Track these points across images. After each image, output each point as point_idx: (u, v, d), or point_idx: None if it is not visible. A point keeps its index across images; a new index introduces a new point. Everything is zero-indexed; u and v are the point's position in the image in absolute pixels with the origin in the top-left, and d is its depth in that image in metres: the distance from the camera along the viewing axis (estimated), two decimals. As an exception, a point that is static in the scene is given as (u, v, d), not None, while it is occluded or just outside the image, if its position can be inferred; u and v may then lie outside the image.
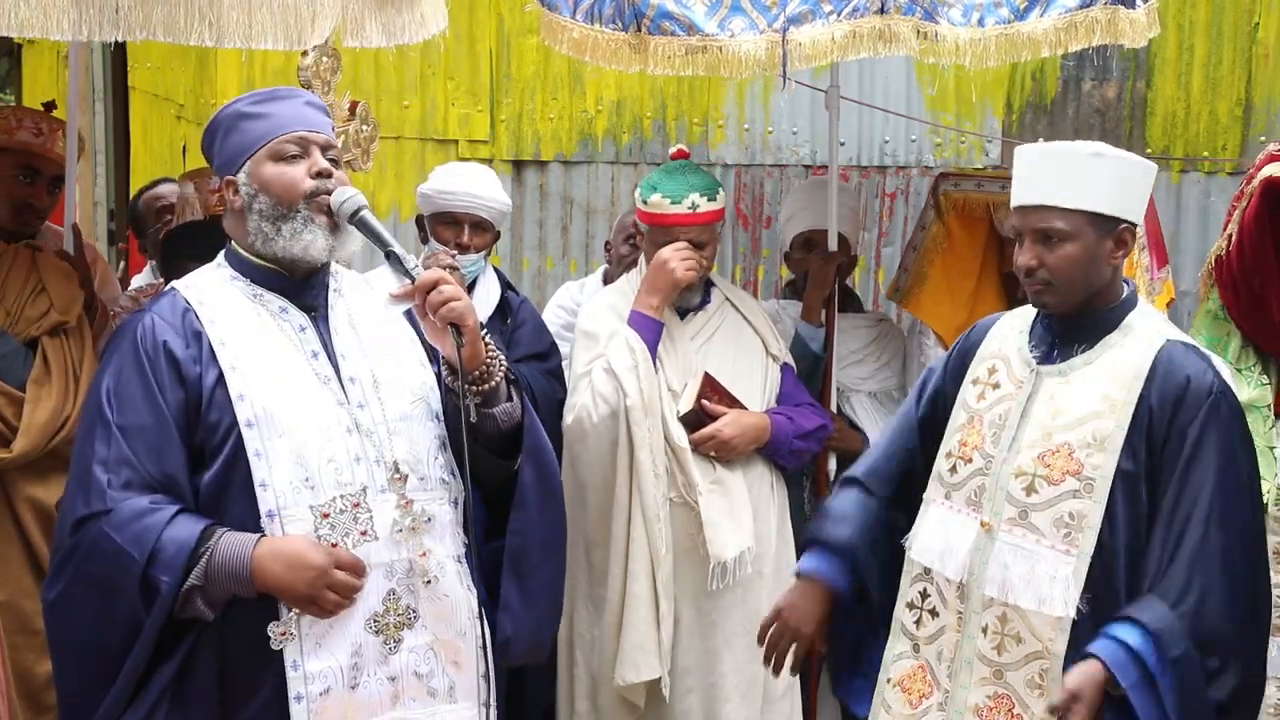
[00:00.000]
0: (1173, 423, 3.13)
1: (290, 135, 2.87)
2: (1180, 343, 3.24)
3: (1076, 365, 3.26)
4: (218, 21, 3.34)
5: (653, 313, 4.16)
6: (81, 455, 2.75)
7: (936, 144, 6.44)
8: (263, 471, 2.73)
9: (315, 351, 2.87)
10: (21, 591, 4.24)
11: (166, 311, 2.84)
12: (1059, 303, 3.25)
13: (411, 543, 2.83)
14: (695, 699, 4.19)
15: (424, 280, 2.78)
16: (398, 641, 2.81)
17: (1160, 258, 4.83)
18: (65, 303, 4.36)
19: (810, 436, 4.33)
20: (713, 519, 4.12)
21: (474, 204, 4.39)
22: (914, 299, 5.02)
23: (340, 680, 2.75)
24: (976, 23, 3.86)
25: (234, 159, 2.89)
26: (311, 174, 2.85)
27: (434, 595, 2.86)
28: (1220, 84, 6.37)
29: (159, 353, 2.77)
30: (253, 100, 2.93)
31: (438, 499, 2.91)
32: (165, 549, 2.66)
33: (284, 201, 2.84)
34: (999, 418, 3.31)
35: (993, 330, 3.47)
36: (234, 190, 2.89)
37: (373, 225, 2.85)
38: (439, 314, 2.78)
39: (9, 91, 9.09)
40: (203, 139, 3.01)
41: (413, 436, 2.90)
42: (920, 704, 3.40)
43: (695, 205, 4.20)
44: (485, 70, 6.28)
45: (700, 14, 3.84)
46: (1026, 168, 3.22)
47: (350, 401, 2.85)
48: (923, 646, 3.40)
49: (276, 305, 2.89)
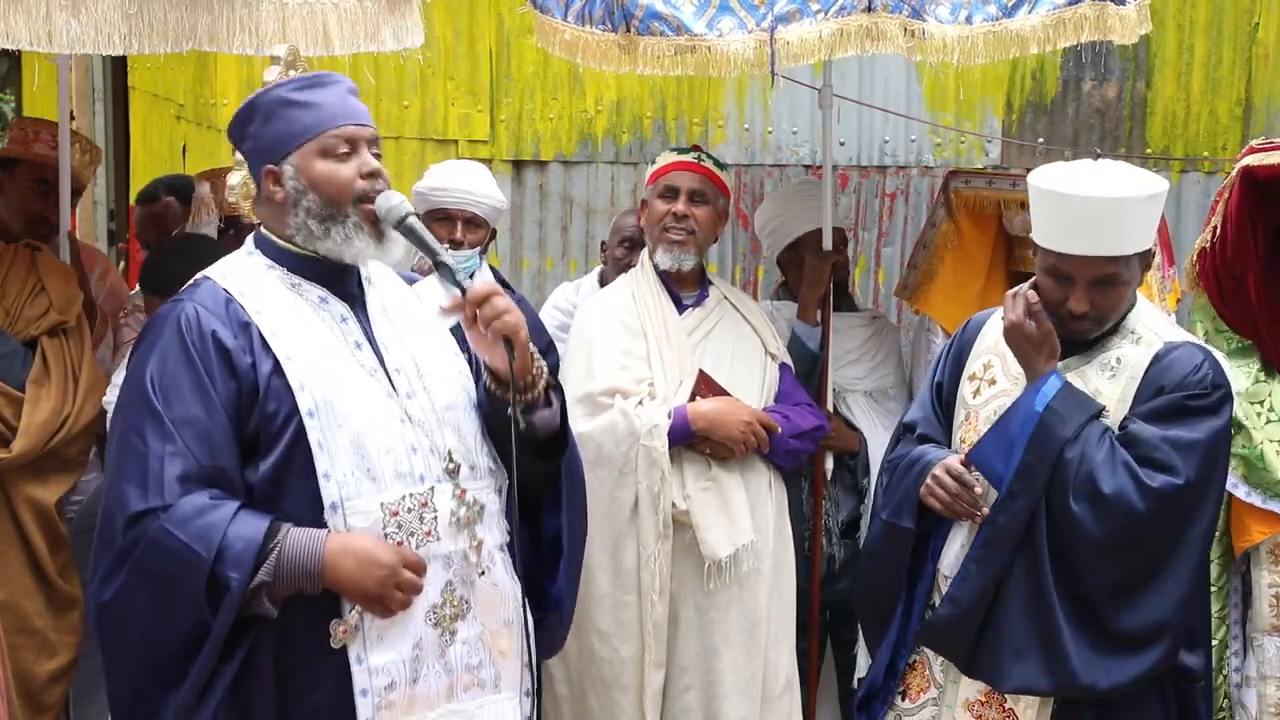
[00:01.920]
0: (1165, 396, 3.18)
1: (341, 130, 2.80)
2: (1180, 342, 3.25)
3: (1074, 365, 3.27)
4: (256, 30, 3.51)
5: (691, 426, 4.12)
6: (132, 448, 2.66)
7: (936, 144, 6.43)
8: (325, 463, 2.68)
9: (359, 342, 2.84)
10: (21, 591, 4.25)
11: (209, 301, 2.76)
12: (1096, 331, 3.28)
13: (466, 533, 2.82)
14: (693, 696, 4.18)
15: (477, 293, 2.75)
16: (453, 633, 2.80)
17: (1170, 257, 4.85)
18: (64, 302, 4.38)
19: (806, 436, 4.33)
20: (707, 519, 4.12)
21: (466, 200, 4.40)
22: (923, 296, 5.03)
23: (403, 673, 2.74)
24: (964, 20, 3.87)
25: (277, 147, 2.81)
26: (362, 174, 2.80)
27: (486, 585, 2.85)
28: (1220, 84, 6.36)
29: (207, 343, 2.70)
30: (296, 86, 2.83)
31: (487, 488, 2.90)
32: (233, 545, 2.59)
33: (334, 202, 2.78)
34: (994, 414, 3.31)
35: (988, 325, 3.47)
36: (275, 180, 2.81)
37: (420, 233, 2.81)
38: (493, 327, 2.75)
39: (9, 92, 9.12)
40: (235, 122, 2.89)
41: (460, 425, 2.88)
42: (919, 698, 3.42)
43: (700, 159, 4.33)
44: (485, 70, 6.29)
45: (689, 14, 3.84)
46: (1074, 216, 3.18)
47: (399, 392, 2.82)
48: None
49: (316, 295, 2.84)
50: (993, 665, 3.19)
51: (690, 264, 4.31)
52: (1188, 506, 3.14)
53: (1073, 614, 3.13)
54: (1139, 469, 3.10)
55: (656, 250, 4.32)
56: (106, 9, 3.38)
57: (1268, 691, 4.07)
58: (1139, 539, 3.12)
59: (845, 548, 4.68)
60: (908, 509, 3.39)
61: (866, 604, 3.66)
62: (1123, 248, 3.17)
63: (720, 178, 4.35)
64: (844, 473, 4.72)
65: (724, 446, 4.14)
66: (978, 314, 3.59)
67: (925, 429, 3.50)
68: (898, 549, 3.43)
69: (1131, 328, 3.27)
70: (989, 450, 3.20)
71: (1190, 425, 3.15)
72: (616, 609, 4.14)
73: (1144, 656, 3.13)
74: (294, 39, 3.52)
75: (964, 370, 3.47)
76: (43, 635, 4.30)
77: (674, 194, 4.28)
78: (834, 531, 4.67)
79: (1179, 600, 3.15)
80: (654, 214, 4.31)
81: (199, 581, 2.59)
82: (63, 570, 4.31)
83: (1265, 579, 4.08)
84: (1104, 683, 3.11)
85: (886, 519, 3.46)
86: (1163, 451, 3.11)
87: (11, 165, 4.74)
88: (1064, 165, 3.33)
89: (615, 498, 4.13)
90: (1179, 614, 3.15)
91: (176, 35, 3.46)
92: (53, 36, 3.32)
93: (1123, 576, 3.13)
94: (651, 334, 4.25)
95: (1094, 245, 3.16)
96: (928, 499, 3.31)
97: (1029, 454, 3.13)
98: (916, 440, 3.50)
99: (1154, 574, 3.13)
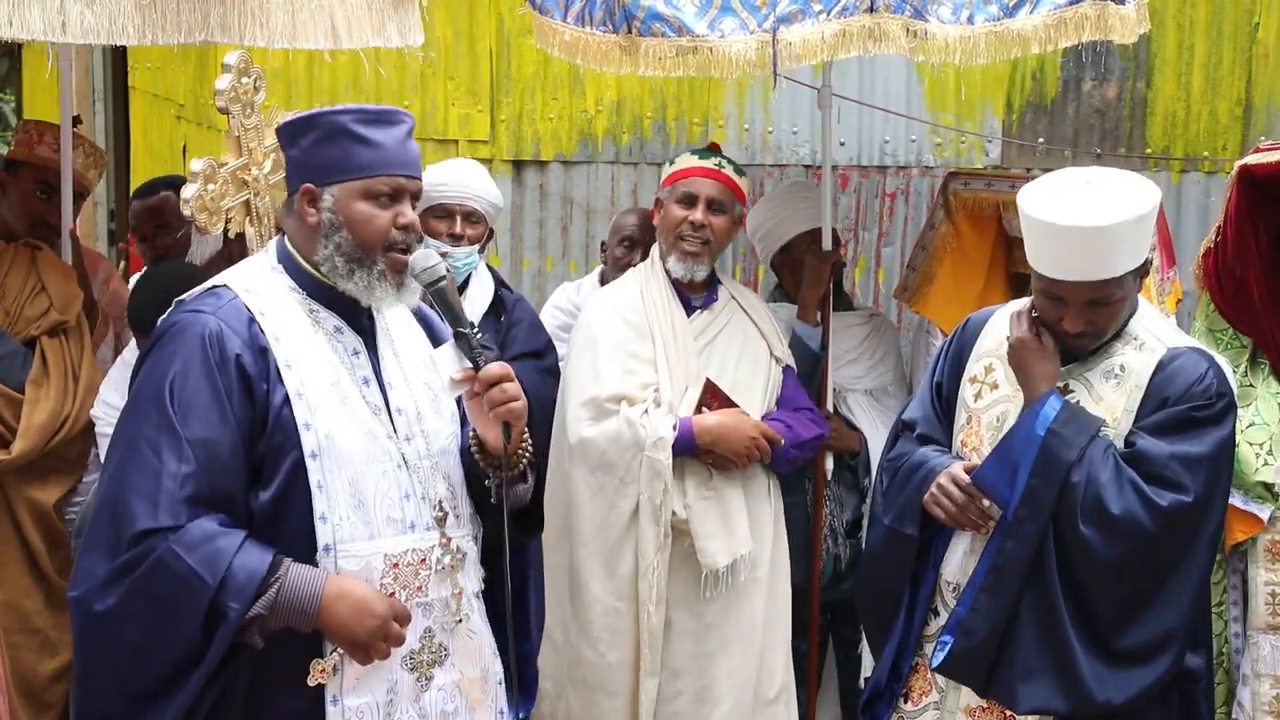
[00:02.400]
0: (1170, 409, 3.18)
1: (392, 180, 2.81)
2: (1183, 348, 3.25)
3: (1077, 371, 3.27)
4: (267, 23, 3.54)
5: (696, 441, 4.12)
6: (144, 459, 2.65)
7: (936, 144, 6.43)
8: (323, 504, 2.70)
9: (367, 378, 2.85)
10: (20, 591, 4.27)
11: (233, 319, 2.74)
12: (1094, 344, 3.28)
13: (449, 581, 2.84)
14: (684, 701, 4.19)
15: (490, 374, 2.78)
16: (429, 679, 2.82)
17: (1170, 258, 4.85)
18: (64, 302, 4.39)
19: (806, 446, 4.35)
20: (706, 529, 4.13)
21: (464, 194, 4.40)
22: (922, 298, 5.02)
23: (376, 716, 2.74)
24: (966, 20, 3.87)
25: (324, 172, 2.81)
26: (398, 225, 2.81)
27: (463, 633, 2.88)
28: (1220, 84, 6.35)
29: (229, 365, 2.69)
30: (364, 119, 2.82)
31: (468, 535, 2.93)
32: (237, 575, 2.60)
33: (365, 246, 2.79)
34: (996, 419, 3.31)
35: (988, 325, 3.46)
36: (311, 202, 2.81)
37: (450, 301, 2.83)
38: (497, 411, 2.78)
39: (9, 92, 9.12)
40: (289, 127, 2.87)
41: (450, 474, 2.91)
42: (921, 700, 3.42)
43: (721, 165, 4.31)
44: (485, 70, 6.28)
45: (690, 15, 3.83)
46: (1062, 244, 3.17)
47: (398, 435, 2.83)
48: (925, 644, 3.42)
49: (332, 325, 2.85)
50: (1007, 689, 3.18)
51: (703, 274, 4.32)
52: (1196, 521, 3.15)
53: (1084, 634, 3.13)
54: (1146, 487, 3.10)
55: (670, 257, 4.29)
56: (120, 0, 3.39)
57: (1261, 689, 4.07)
58: (1148, 557, 3.12)
59: (850, 547, 4.68)
60: (910, 515, 3.38)
61: (868, 607, 3.66)
62: (1113, 270, 3.16)
63: (739, 184, 4.34)
64: (845, 472, 4.72)
65: (727, 458, 4.15)
66: (976, 313, 3.58)
67: (925, 429, 3.50)
68: (900, 554, 3.43)
69: (1134, 333, 3.27)
70: (992, 474, 3.19)
71: (1196, 439, 3.14)
72: (608, 615, 4.14)
73: (1154, 666, 3.14)
74: (303, 32, 3.58)
75: (964, 371, 3.46)
76: (43, 634, 4.31)
77: (692, 201, 4.26)
78: (839, 531, 4.67)
79: (1186, 608, 3.16)
80: (670, 218, 4.28)
81: (200, 607, 2.59)
82: (61, 569, 4.32)
83: (1262, 577, 4.08)
84: (1119, 698, 3.11)
85: (889, 525, 3.45)
86: (1171, 469, 3.11)
87: (15, 167, 4.74)
88: (1053, 184, 3.29)
89: (614, 505, 4.13)
90: (1186, 621, 3.16)
91: (189, 27, 3.47)
92: (66, 27, 3.32)
93: (1132, 593, 3.14)
94: (659, 336, 4.24)
95: (1083, 271, 3.16)
96: (932, 508, 3.30)
97: (1033, 478, 3.13)
98: (916, 440, 3.49)
99: (1162, 586, 3.14)
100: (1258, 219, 4.10)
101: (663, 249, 4.33)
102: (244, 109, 3.32)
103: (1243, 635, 4.14)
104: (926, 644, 3.41)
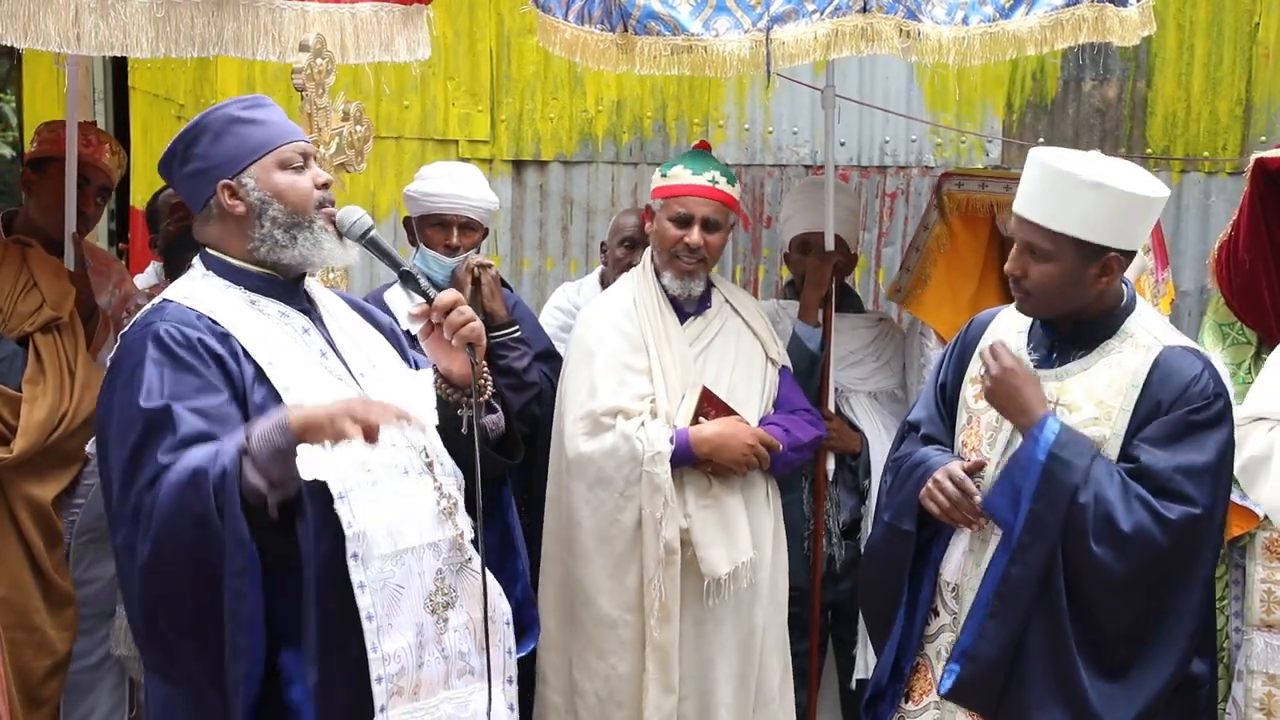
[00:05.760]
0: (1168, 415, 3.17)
1: (295, 145, 2.92)
2: (1178, 347, 3.23)
3: (1073, 370, 3.26)
4: (279, 36, 3.61)
5: (694, 452, 4.12)
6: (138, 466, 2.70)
7: (936, 144, 6.43)
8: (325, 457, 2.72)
9: (323, 351, 2.92)
10: (19, 588, 4.27)
11: (184, 319, 2.80)
12: (1036, 312, 3.28)
13: (450, 523, 2.90)
14: (689, 706, 4.19)
15: (444, 301, 2.88)
16: (445, 621, 2.87)
17: (1164, 260, 4.85)
18: (57, 298, 4.38)
19: (804, 448, 4.34)
20: (707, 537, 4.13)
21: (460, 205, 4.41)
22: (916, 299, 5.00)
23: (411, 659, 2.78)
24: (960, 21, 3.86)
25: (234, 162, 2.89)
26: (318, 184, 2.92)
27: (469, 574, 2.92)
28: (1220, 84, 6.35)
29: (197, 349, 2.75)
30: (243, 106, 2.94)
31: (454, 483, 2.97)
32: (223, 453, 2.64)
33: (298, 210, 2.88)
34: (995, 420, 3.31)
35: (991, 326, 3.46)
36: (233, 194, 2.89)
37: (384, 246, 2.96)
38: (459, 334, 2.87)
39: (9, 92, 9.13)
40: (179, 145, 2.95)
41: (425, 425, 2.92)
42: (922, 700, 3.42)
43: (715, 181, 4.27)
44: (485, 70, 6.29)
45: (685, 14, 3.85)
46: (1030, 179, 3.21)
47: (369, 395, 2.87)
48: (926, 644, 3.42)
49: (275, 310, 2.91)
50: (1018, 717, 3.18)
51: (700, 289, 4.31)
52: (1204, 531, 3.15)
53: (1090, 659, 3.13)
54: (1155, 502, 3.10)
55: (665, 273, 4.28)
56: (134, 12, 3.44)
57: (1254, 686, 4.07)
58: (1159, 570, 3.12)
59: (846, 548, 4.67)
60: (908, 512, 3.38)
61: (870, 604, 3.66)
62: (1051, 221, 3.14)
63: (733, 197, 4.32)
64: (845, 473, 4.71)
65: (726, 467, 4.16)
66: (980, 314, 3.57)
67: (930, 429, 3.50)
68: (899, 552, 3.43)
69: (1131, 331, 3.26)
70: (999, 501, 3.19)
71: (1198, 446, 3.14)
72: (616, 628, 4.14)
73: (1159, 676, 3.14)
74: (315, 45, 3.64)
75: (966, 372, 3.46)
76: (41, 631, 4.32)
77: (687, 222, 4.23)
78: (834, 532, 4.67)
79: (1193, 617, 3.16)
80: (665, 237, 4.26)
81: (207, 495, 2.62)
82: (58, 567, 4.33)
83: (1259, 574, 4.09)
84: (1128, 714, 3.12)
85: (888, 521, 3.45)
86: (1176, 482, 3.11)
87: (43, 164, 4.75)
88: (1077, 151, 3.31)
89: (616, 520, 4.12)
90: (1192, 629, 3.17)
91: (203, 40, 3.53)
92: (81, 39, 3.38)
93: (1141, 607, 3.14)
94: (653, 346, 4.22)
95: (1029, 208, 3.18)
96: (927, 503, 3.30)
97: (1037, 503, 3.12)
98: (921, 440, 3.49)
99: (1171, 598, 3.14)
100: (1271, 213, 4.11)
101: (657, 261, 4.31)
102: (317, 88, 3.51)
103: (1241, 631, 4.14)
104: (927, 644, 3.41)
